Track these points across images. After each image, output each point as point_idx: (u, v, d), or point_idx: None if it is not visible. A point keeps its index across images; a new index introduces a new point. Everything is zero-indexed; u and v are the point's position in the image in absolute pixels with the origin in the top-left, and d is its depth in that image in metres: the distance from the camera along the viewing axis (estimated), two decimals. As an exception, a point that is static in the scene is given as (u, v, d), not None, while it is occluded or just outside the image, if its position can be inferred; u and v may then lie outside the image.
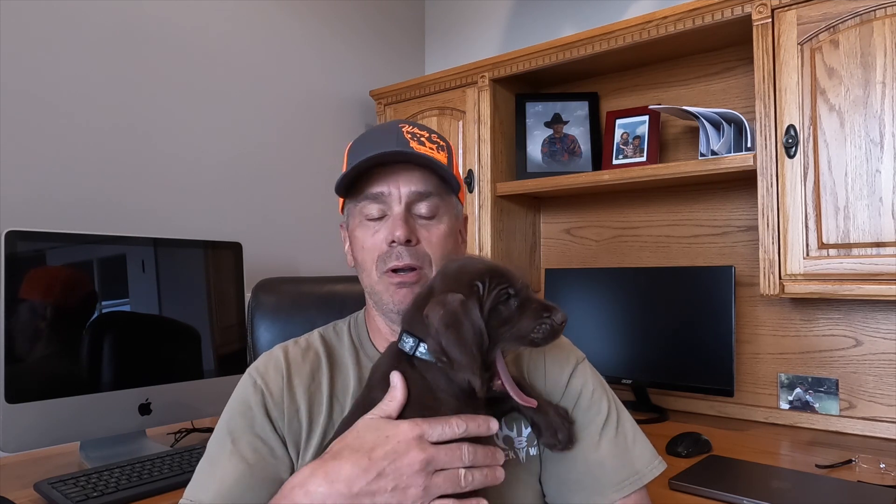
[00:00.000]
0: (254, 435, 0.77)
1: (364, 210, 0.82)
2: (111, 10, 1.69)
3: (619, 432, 0.82)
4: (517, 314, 0.69)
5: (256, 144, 2.04)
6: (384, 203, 0.81)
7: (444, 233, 0.82)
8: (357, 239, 0.83)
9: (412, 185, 0.81)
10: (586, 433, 0.80)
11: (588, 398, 0.83)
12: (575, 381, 0.84)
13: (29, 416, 1.25)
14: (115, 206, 1.69)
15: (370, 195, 0.81)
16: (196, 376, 1.52)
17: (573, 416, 0.81)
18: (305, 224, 2.16)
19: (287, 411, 0.78)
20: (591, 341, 1.89)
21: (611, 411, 0.83)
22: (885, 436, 1.54)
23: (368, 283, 0.83)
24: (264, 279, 1.29)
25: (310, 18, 2.21)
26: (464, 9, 2.54)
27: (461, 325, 0.66)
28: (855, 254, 1.40)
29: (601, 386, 0.85)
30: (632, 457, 0.80)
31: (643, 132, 1.90)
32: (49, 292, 1.31)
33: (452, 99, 2.13)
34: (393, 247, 0.79)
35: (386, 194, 0.80)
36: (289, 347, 0.85)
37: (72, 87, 1.62)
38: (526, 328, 0.68)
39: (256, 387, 0.80)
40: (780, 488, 1.17)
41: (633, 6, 2.07)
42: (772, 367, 1.74)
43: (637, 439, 0.83)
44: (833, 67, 1.42)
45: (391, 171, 0.81)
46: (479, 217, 2.05)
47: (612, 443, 0.80)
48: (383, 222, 0.81)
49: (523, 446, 0.80)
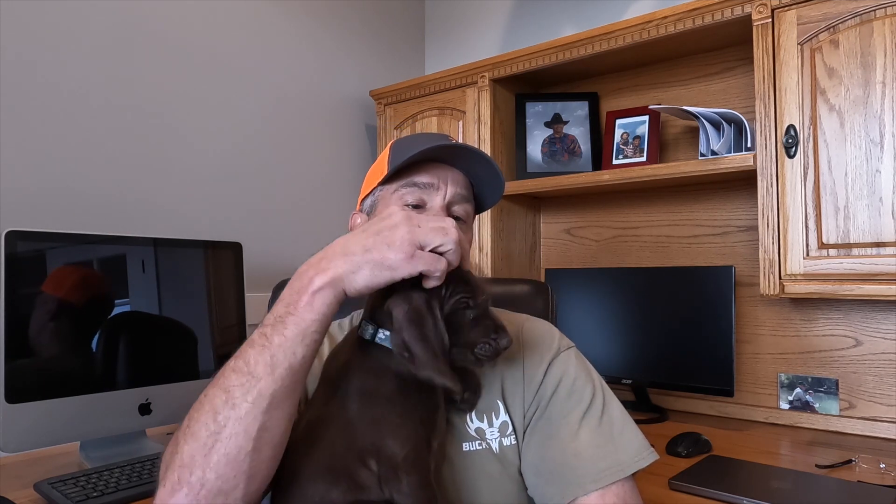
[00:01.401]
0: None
1: (404, 196, 0.83)
2: (113, 9, 1.69)
3: (602, 421, 0.79)
4: (469, 326, 0.69)
5: (257, 144, 2.04)
6: (427, 194, 0.83)
7: (470, 239, 0.86)
8: None
9: (458, 187, 0.84)
10: (565, 422, 0.78)
11: (568, 387, 0.81)
12: (554, 369, 0.83)
13: (29, 416, 1.25)
14: (115, 206, 1.69)
15: (418, 183, 0.83)
16: (196, 376, 1.52)
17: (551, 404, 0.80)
18: (305, 224, 2.16)
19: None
20: (590, 341, 1.89)
21: (595, 400, 0.80)
22: (885, 436, 1.54)
23: None
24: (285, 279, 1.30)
25: (310, 19, 2.21)
26: (464, 9, 2.54)
27: (425, 323, 0.66)
28: (855, 254, 1.40)
29: (586, 374, 0.83)
30: (616, 447, 0.77)
31: (643, 132, 1.90)
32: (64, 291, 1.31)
33: (452, 99, 2.13)
34: None
35: (435, 186, 0.82)
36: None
37: (72, 87, 1.62)
38: (472, 341, 0.68)
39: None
40: (780, 488, 1.17)
41: (633, 6, 2.07)
42: (772, 367, 1.74)
43: (626, 430, 0.80)
44: (833, 67, 1.42)
45: (441, 168, 0.83)
46: (478, 217, 2.05)
47: (593, 432, 0.78)
48: (420, 211, 0.82)
49: (496, 437, 0.79)
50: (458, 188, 0.84)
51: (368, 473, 0.65)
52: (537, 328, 0.88)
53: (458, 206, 0.84)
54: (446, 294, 0.68)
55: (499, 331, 0.69)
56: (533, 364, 0.83)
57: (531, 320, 0.90)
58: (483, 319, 0.69)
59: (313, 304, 0.64)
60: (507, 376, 0.83)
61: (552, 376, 0.82)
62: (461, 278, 0.70)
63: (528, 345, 0.85)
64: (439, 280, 0.66)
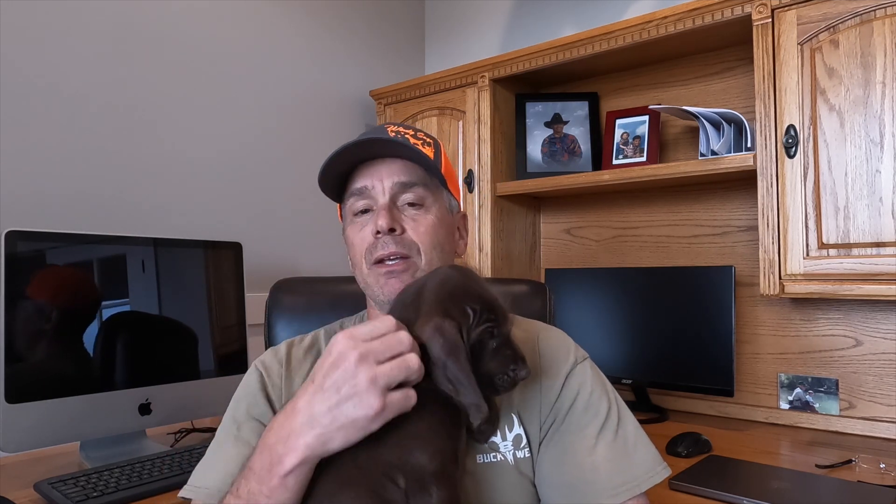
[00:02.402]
0: (255, 420, 0.78)
1: (352, 207, 0.83)
2: (113, 9, 1.69)
3: (618, 436, 0.79)
4: (491, 355, 0.68)
5: (257, 144, 2.04)
6: (369, 197, 0.82)
7: (432, 222, 0.82)
8: (349, 237, 0.84)
9: (395, 177, 0.81)
10: (581, 436, 0.78)
11: (585, 400, 0.80)
12: (572, 381, 0.82)
13: (29, 416, 1.25)
14: (115, 206, 1.69)
15: (355, 191, 0.83)
16: (196, 376, 1.52)
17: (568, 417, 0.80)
18: (305, 224, 2.16)
19: (284, 395, 0.80)
20: (591, 341, 1.88)
21: (610, 414, 0.80)
22: (885, 436, 1.54)
23: (361, 278, 0.84)
24: (282, 279, 1.32)
25: (310, 19, 2.21)
26: (464, 9, 2.54)
27: (461, 354, 0.65)
28: (855, 254, 1.40)
29: (602, 387, 0.83)
30: (631, 462, 0.77)
31: (643, 132, 1.90)
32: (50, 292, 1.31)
33: (452, 99, 2.13)
34: (378, 237, 0.80)
35: (370, 188, 0.82)
36: (294, 343, 0.88)
37: (72, 87, 1.62)
38: (493, 371, 0.68)
39: (258, 372, 0.83)
40: (780, 488, 1.17)
41: (633, 6, 2.07)
42: (772, 367, 1.74)
43: (639, 444, 0.80)
44: (833, 67, 1.42)
45: (373, 166, 0.82)
46: (479, 217, 2.05)
47: (609, 447, 0.77)
48: (370, 216, 0.82)
49: (510, 449, 0.78)
50: (396, 177, 0.81)
51: (395, 489, 0.64)
52: (553, 338, 0.87)
53: (405, 195, 0.82)
54: (474, 322, 0.68)
55: (518, 361, 0.68)
56: (550, 376, 0.82)
57: (546, 329, 0.89)
58: (504, 349, 0.69)
59: (287, 484, 0.63)
60: (523, 388, 0.81)
61: (570, 389, 0.81)
62: (489, 305, 0.69)
63: (545, 356, 0.84)
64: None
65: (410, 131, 0.85)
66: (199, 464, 0.79)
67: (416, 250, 0.80)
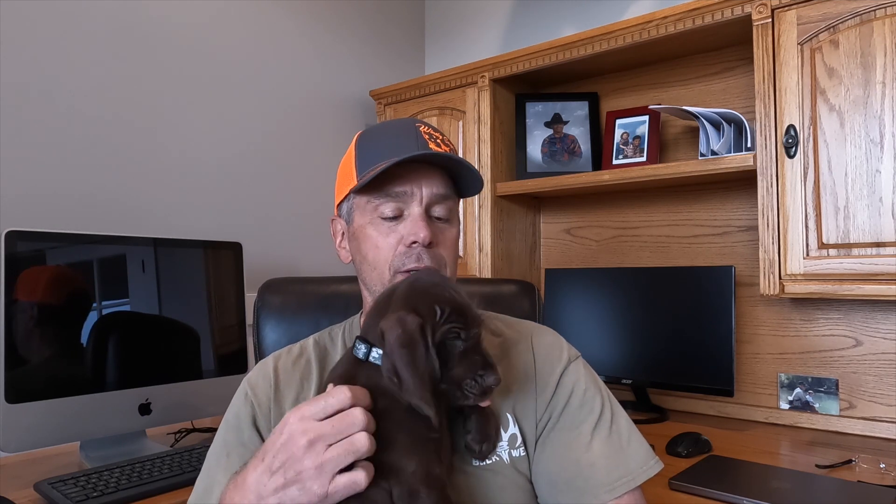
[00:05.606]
0: (244, 447, 0.78)
1: (380, 208, 0.80)
2: (112, 9, 1.69)
3: (612, 432, 0.80)
4: (457, 359, 0.67)
5: (256, 144, 2.04)
6: (403, 202, 0.80)
7: (455, 237, 0.83)
8: (369, 237, 0.82)
9: (434, 188, 0.81)
10: (577, 433, 0.79)
11: (580, 397, 0.81)
12: (566, 379, 0.82)
13: (29, 416, 1.25)
14: (114, 206, 1.69)
15: (391, 193, 0.80)
16: (196, 376, 1.52)
17: (563, 415, 0.80)
18: (305, 224, 2.16)
19: (274, 420, 0.79)
20: (591, 341, 1.89)
21: (604, 410, 0.81)
22: (885, 436, 1.54)
23: (378, 282, 0.82)
24: (270, 279, 1.29)
25: (310, 18, 2.21)
26: (464, 9, 2.54)
27: (416, 349, 0.64)
28: (855, 254, 1.40)
29: (595, 384, 0.84)
30: (625, 457, 0.78)
31: (643, 132, 1.90)
32: (50, 292, 1.31)
33: (452, 99, 2.13)
34: (413, 248, 0.79)
35: (408, 194, 0.80)
36: (281, 356, 0.86)
37: (72, 87, 1.62)
38: (459, 376, 0.67)
39: (247, 399, 0.82)
40: (780, 488, 1.17)
41: (633, 6, 2.07)
42: (772, 367, 1.74)
43: (632, 439, 0.81)
44: (833, 67, 1.42)
45: (413, 171, 0.80)
46: (479, 217, 2.05)
47: (604, 443, 0.79)
48: (399, 221, 0.80)
49: (505, 448, 0.79)
50: (435, 188, 0.80)
51: (381, 492, 0.64)
52: (547, 338, 0.88)
53: (437, 207, 0.81)
54: (440, 320, 0.66)
55: (486, 367, 0.66)
56: (544, 374, 0.83)
57: (539, 329, 0.90)
58: (472, 353, 0.67)
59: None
60: (518, 388, 0.82)
61: (564, 387, 0.82)
62: (458, 307, 0.67)
63: (539, 356, 0.84)
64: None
65: (439, 135, 0.84)
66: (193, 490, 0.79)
67: (443, 264, 0.81)
